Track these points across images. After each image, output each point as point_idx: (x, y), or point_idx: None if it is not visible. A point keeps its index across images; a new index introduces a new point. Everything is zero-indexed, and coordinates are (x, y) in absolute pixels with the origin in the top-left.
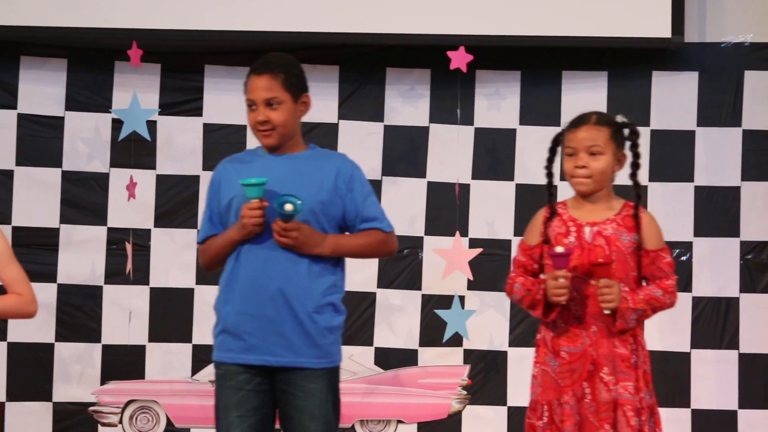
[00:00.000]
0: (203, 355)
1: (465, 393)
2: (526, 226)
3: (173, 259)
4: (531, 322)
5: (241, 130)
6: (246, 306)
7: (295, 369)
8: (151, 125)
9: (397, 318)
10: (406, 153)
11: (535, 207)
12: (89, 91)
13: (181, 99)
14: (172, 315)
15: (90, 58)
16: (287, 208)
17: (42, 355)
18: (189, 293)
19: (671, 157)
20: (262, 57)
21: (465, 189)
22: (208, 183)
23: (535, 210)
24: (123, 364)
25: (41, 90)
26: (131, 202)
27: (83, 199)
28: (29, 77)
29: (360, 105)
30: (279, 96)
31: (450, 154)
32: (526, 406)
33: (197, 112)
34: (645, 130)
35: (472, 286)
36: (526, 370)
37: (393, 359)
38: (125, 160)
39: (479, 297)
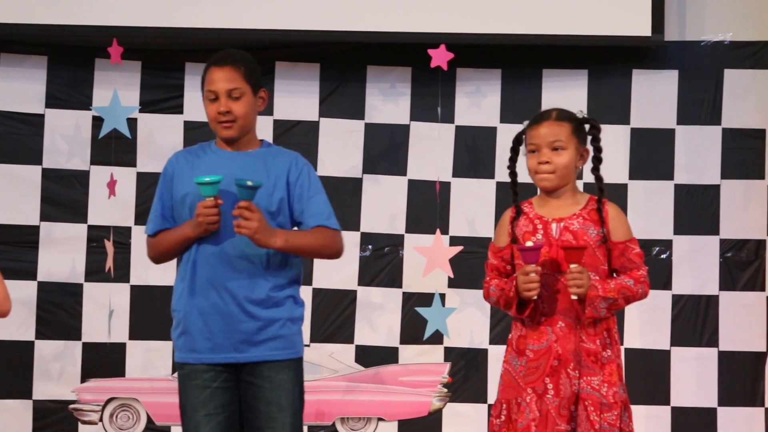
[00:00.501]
0: None
1: (445, 390)
2: None
3: None
4: (511, 320)
5: None
6: (206, 305)
7: (260, 362)
8: (132, 123)
9: (377, 316)
10: (386, 151)
11: None
12: (69, 89)
13: (162, 96)
14: (152, 313)
15: (70, 56)
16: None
17: (22, 353)
18: (169, 291)
19: (651, 155)
20: (220, 51)
21: (445, 187)
22: (160, 175)
23: None
24: (103, 361)
25: (21, 87)
26: (112, 200)
27: (63, 196)
28: (9, 74)
29: (341, 103)
30: (241, 87)
31: (431, 152)
32: None
33: (178, 109)
34: (625, 128)
35: (452, 283)
36: None
37: (374, 357)
38: (106, 157)
39: (460, 295)
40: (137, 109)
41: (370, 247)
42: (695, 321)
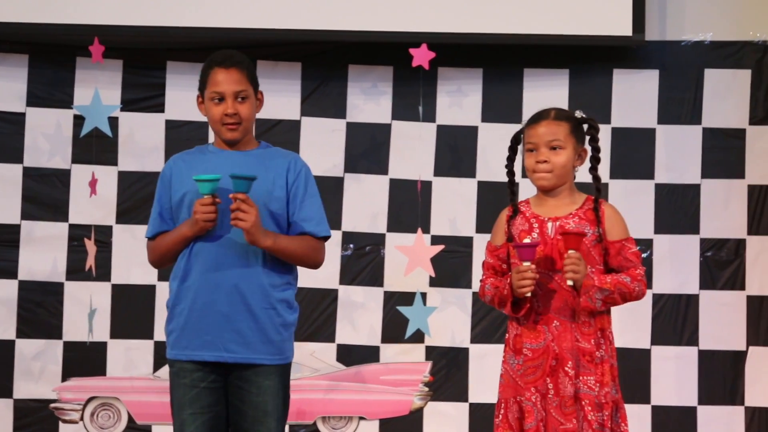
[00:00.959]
0: (165, 352)
1: (426, 389)
2: (488, 223)
3: (135, 255)
4: (492, 318)
5: (203, 127)
6: (200, 302)
7: (249, 365)
8: (113, 121)
9: (359, 315)
10: (368, 150)
11: (497, 204)
12: (50, 87)
13: (143, 95)
14: (133, 312)
15: (51, 54)
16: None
17: (3, 351)
18: (151, 290)
19: (632, 154)
20: (221, 52)
21: (427, 186)
22: (159, 178)
23: (497, 207)
24: (84, 360)
25: (2, 86)
26: (93, 199)
27: (44, 195)
28: None
29: (322, 102)
30: (247, 90)
31: (412, 151)
32: (487, 402)
33: (159, 108)
34: (606, 127)
35: (434, 282)
36: (488, 367)
37: (355, 356)
38: (87, 156)
39: (441, 294)
40: (119, 108)
41: (352, 246)
42: (675, 320)
